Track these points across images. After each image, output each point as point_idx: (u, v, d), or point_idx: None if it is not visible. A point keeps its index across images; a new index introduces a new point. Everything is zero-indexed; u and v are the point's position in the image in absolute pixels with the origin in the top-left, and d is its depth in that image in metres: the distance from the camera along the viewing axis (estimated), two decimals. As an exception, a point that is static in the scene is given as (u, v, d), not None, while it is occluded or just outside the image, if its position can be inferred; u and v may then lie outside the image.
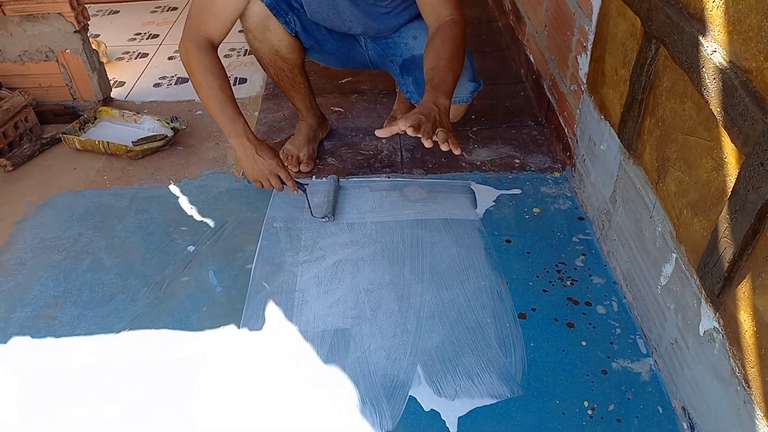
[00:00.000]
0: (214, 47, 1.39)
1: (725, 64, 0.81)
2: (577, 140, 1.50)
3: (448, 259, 1.36)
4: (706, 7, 0.86)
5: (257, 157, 1.42)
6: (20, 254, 1.41)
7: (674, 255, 0.99)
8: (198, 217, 1.52)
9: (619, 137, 1.21)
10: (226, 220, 1.51)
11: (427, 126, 1.09)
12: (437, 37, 1.30)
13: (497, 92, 1.99)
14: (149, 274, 1.36)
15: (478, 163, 1.68)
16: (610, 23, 1.22)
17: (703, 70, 0.85)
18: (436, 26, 1.32)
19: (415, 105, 1.64)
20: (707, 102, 0.85)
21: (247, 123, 1.42)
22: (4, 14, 1.74)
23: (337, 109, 1.98)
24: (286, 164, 1.60)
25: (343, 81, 2.12)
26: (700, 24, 0.87)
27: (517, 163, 1.67)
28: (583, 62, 1.42)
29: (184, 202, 1.58)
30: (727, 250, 0.81)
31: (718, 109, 0.82)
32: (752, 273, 0.77)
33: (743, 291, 0.80)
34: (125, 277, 1.35)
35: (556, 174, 1.61)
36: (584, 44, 1.41)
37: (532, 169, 1.64)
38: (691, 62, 0.89)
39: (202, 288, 1.32)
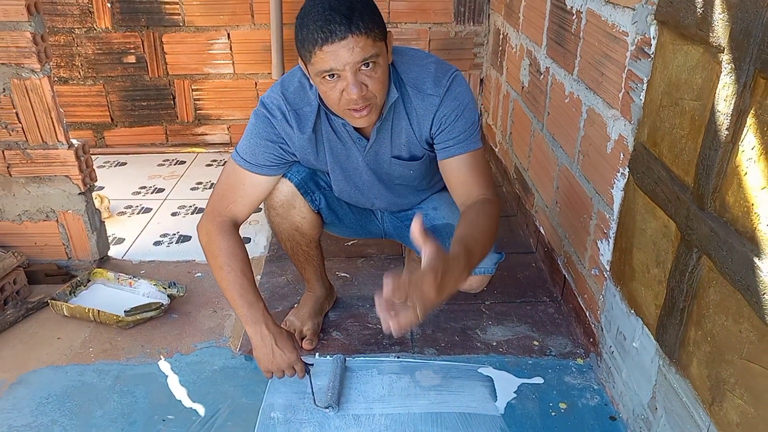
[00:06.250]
0: (237, 227, 1.35)
1: (793, 296, 0.73)
2: (602, 328, 1.40)
3: (469, 466, 1.20)
4: (758, 228, 0.80)
5: (276, 349, 1.31)
6: (-19, 449, 1.24)
7: (744, 498, 0.85)
8: (187, 403, 1.37)
9: (656, 340, 1.11)
10: (218, 407, 1.36)
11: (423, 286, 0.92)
12: (471, 211, 1.19)
13: (508, 262, 1.91)
14: (126, 478, 1.18)
15: (494, 343, 1.57)
16: (637, 218, 1.18)
17: (765, 297, 0.78)
18: (469, 203, 1.23)
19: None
20: (773, 332, 0.77)
21: (266, 308, 1.33)
22: (10, 175, 1.71)
23: (342, 274, 1.90)
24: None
25: (349, 244, 2.07)
26: (753, 244, 0.81)
27: (536, 345, 1.56)
28: (605, 249, 1.37)
29: (173, 382, 1.44)
30: None
31: (790, 345, 0.73)
32: None
33: None
34: (98, 482, 1.17)
35: (579, 361, 1.49)
36: (605, 231, 1.37)
37: (553, 353, 1.53)
38: (747, 284, 0.82)
39: (186, 499, 1.14)
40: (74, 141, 1.73)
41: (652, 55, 1.12)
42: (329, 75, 1.08)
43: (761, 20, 0.77)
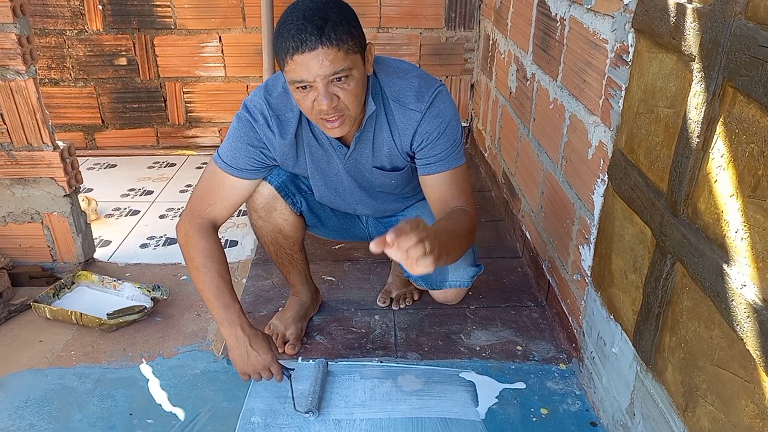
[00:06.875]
0: (216, 228, 1.35)
1: (760, 303, 0.74)
2: (583, 333, 1.41)
3: (447, 471, 1.20)
4: (727, 235, 0.81)
5: (250, 351, 1.31)
6: (-43, 452, 1.24)
7: (714, 505, 0.86)
8: (167, 407, 1.37)
9: (633, 345, 1.12)
10: (198, 411, 1.35)
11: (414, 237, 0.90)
12: (448, 215, 1.22)
13: (494, 266, 1.94)
14: (103, 482, 1.18)
15: (478, 348, 1.57)
16: (616, 224, 1.19)
17: (733, 303, 0.78)
18: (447, 212, 1.25)
19: (412, 282, 1.60)
20: (741, 339, 0.77)
21: (242, 310, 1.33)
22: (-6, 177, 1.71)
23: (328, 278, 1.90)
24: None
25: (336, 247, 2.07)
26: (722, 251, 0.82)
27: (519, 350, 1.56)
28: (586, 254, 1.38)
29: (154, 386, 1.43)
30: None
31: (758, 352, 0.74)
32: None
33: None
34: (74, 486, 1.17)
35: (562, 366, 1.49)
36: (586, 236, 1.38)
37: (536, 358, 1.53)
38: (716, 290, 0.82)
39: (162, 503, 1.14)
40: (60, 143, 1.72)
41: (630, 63, 1.12)
42: (302, 86, 1.08)
43: (729, 30, 0.78)
